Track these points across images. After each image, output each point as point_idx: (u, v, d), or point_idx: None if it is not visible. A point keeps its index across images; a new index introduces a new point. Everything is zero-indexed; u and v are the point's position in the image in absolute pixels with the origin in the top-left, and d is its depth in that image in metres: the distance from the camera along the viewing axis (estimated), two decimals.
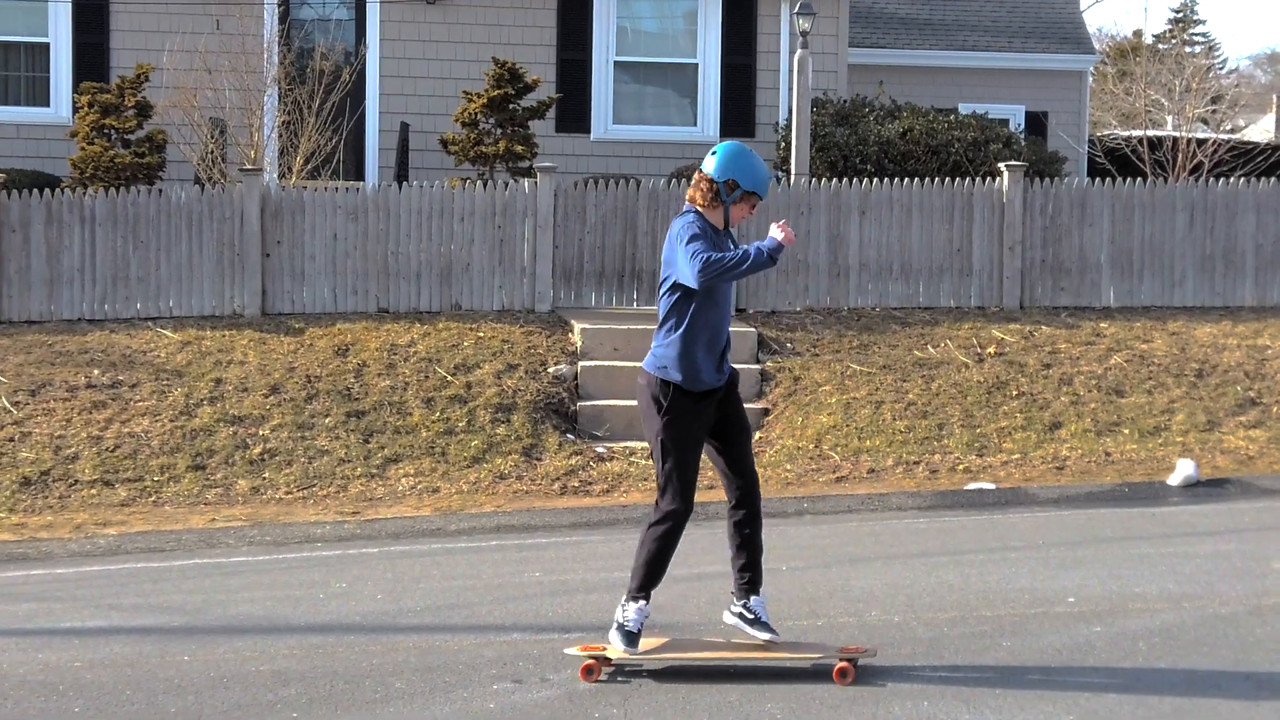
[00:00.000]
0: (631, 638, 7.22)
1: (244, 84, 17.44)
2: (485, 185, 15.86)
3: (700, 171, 7.26)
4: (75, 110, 17.92)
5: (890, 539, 10.82)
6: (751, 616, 7.26)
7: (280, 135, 17.70)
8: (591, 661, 7.24)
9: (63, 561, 10.74)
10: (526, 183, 15.88)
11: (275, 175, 17.65)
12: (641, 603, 7.26)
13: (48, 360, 14.22)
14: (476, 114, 17.61)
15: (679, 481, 7.23)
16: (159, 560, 10.69)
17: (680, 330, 7.14)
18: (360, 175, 19.47)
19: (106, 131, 17.04)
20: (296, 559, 10.65)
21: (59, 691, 7.27)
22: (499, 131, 17.66)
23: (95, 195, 15.35)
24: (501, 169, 17.63)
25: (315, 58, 17.72)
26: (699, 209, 7.23)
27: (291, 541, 11.23)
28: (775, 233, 7.10)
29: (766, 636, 7.24)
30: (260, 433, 13.28)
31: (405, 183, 16.49)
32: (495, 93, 17.54)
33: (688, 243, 7.04)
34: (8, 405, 13.46)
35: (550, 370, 14.42)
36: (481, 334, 14.96)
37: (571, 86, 19.74)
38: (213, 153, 17.09)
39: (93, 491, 12.45)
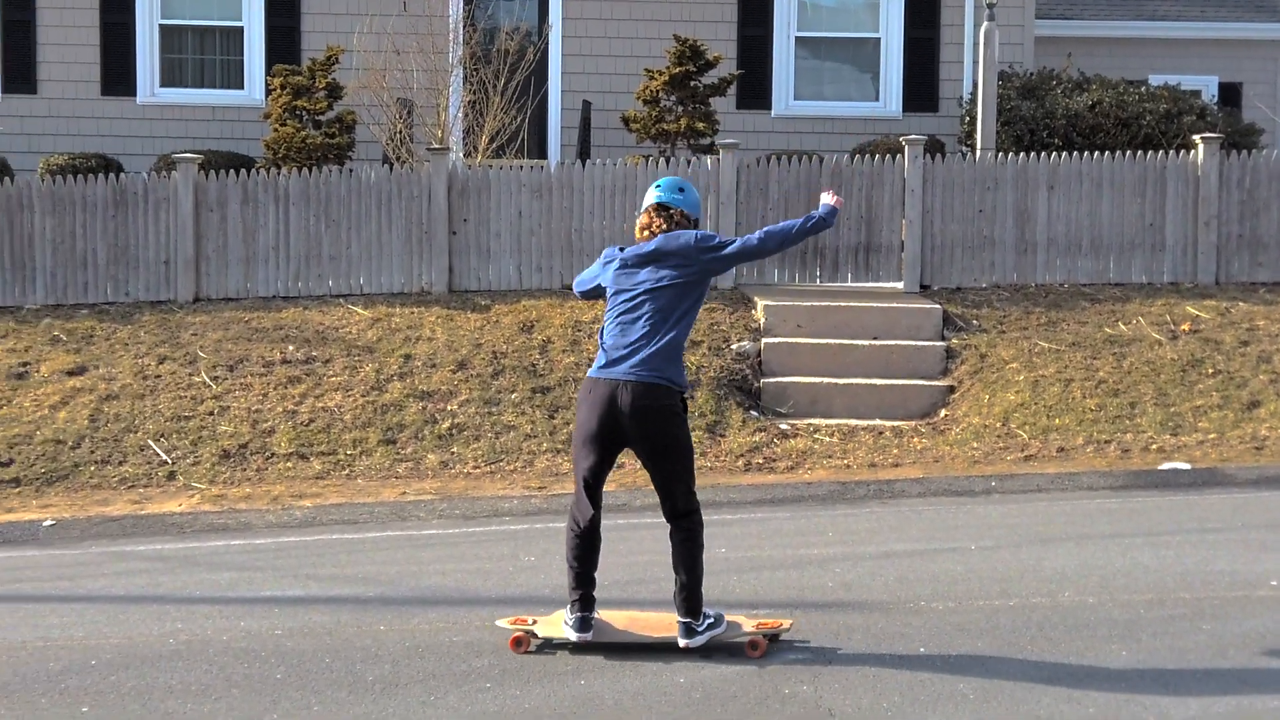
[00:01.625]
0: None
1: (431, 64, 17.69)
2: (667, 162, 15.88)
3: (674, 208, 7.37)
4: (268, 92, 18.36)
5: (1082, 519, 10.62)
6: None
7: (466, 115, 17.94)
8: (520, 634, 7.44)
9: (261, 532, 11.05)
10: (709, 159, 15.87)
11: (461, 154, 17.89)
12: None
13: (244, 336, 14.61)
14: (658, 91, 17.66)
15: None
16: (353, 532, 10.93)
17: (687, 335, 7.26)
18: (543, 153, 19.65)
19: (298, 113, 17.43)
20: (485, 532, 10.81)
21: (261, 658, 7.48)
22: (680, 109, 17.68)
23: (288, 175, 15.71)
24: (682, 146, 17.66)
25: (500, 37, 17.91)
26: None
27: (480, 515, 11.40)
28: (826, 199, 7.45)
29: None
30: (448, 408, 13.50)
31: (588, 160, 16.59)
32: (676, 70, 17.56)
33: (720, 239, 7.31)
34: (208, 380, 13.87)
35: (733, 347, 14.41)
36: None
37: (752, 63, 19.67)
38: (400, 132, 17.39)
39: (288, 464, 12.77)
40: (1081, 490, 11.76)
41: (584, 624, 7.29)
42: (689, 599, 7.21)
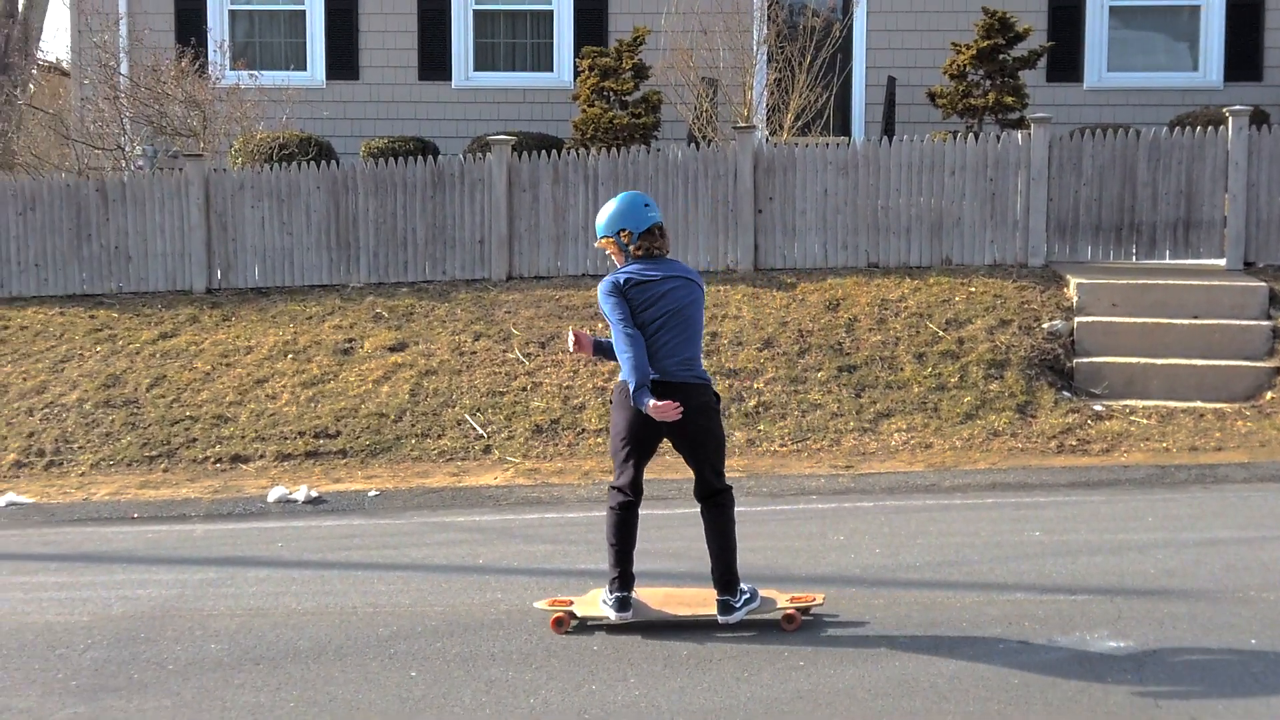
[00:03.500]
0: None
1: (736, 43, 17.76)
2: (976, 138, 15.60)
3: (658, 224, 7.65)
4: (576, 74, 18.70)
5: None
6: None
7: (771, 93, 17.94)
8: (561, 615, 7.64)
9: (573, 506, 11.28)
10: (1019, 134, 15.51)
11: (766, 132, 17.92)
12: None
13: (555, 314, 14.94)
14: (965, 65, 17.36)
15: None
16: (660, 508, 11.04)
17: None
18: (846, 130, 19.52)
19: (605, 94, 17.70)
20: (792, 510, 10.82)
21: (578, 629, 7.66)
22: (987, 83, 17.35)
23: (597, 155, 15.97)
24: (989, 120, 17.32)
25: (806, 15, 17.86)
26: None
27: (786, 493, 11.42)
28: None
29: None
30: (754, 386, 13.55)
31: (893, 137, 16.42)
32: (984, 43, 17.23)
33: None
34: (520, 356, 14.23)
35: (1044, 326, 14.08)
36: (972, 289, 14.76)
37: (1063, 34, 19.16)
38: (706, 111, 17.50)
39: (598, 440, 13.01)
40: None
41: (623, 604, 7.59)
42: (725, 574, 7.49)
